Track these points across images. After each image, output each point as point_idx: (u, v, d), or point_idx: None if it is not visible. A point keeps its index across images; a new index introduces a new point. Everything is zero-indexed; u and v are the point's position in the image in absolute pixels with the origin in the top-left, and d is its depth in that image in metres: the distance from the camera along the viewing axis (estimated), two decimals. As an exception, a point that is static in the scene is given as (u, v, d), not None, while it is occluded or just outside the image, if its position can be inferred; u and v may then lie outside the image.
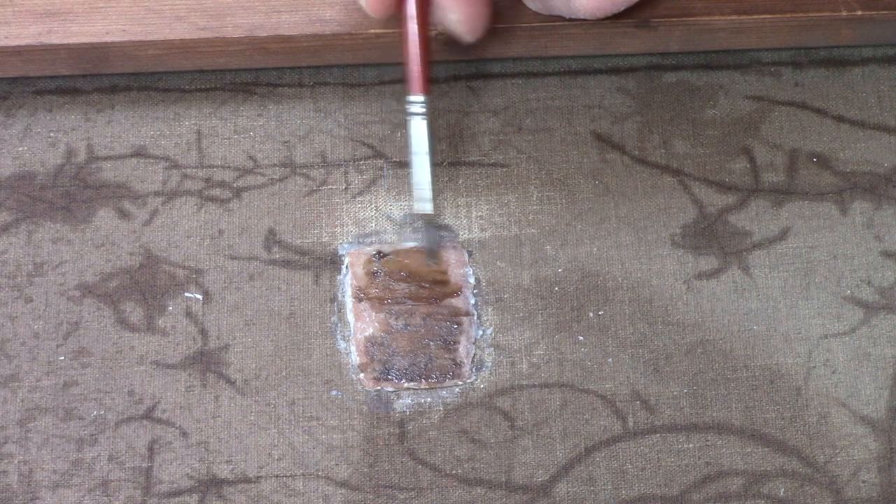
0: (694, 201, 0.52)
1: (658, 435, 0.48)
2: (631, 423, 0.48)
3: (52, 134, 0.52)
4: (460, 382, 0.49)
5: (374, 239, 0.51)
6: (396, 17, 0.43)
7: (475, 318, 0.50)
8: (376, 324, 0.49)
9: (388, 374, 0.48)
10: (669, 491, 0.47)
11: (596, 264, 0.51)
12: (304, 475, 0.47)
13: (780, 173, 0.52)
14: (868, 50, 0.55)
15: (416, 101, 0.44)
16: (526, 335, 0.49)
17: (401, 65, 0.54)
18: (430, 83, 0.43)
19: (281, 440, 0.48)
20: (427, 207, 0.46)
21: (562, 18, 0.50)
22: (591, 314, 0.50)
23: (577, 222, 0.51)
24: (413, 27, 0.43)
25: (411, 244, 0.51)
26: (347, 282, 0.50)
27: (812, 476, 0.48)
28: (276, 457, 0.47)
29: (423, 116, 0.44)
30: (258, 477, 0.47)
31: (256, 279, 0.50)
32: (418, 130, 0.44)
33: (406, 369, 0.48)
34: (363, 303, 0.49)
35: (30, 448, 0.47)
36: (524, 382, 0.49)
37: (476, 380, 0.49)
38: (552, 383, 0.49)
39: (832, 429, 0.48)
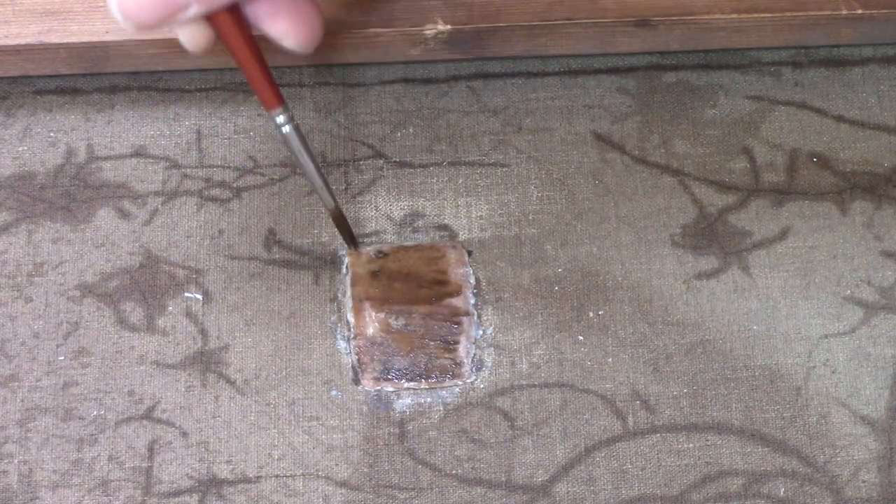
0: (694, 201, 0.52)
1: (658, 435, 0.48)
2: (631, 423, 0.48)
3: (52, 134, 0.52)
4: (460, 382, 0.49)
5: (374, 239, 0.51)
6: (223, 42, 0.41)
7: (475, 317, 0.50)
8: (376, 324, 0.49)
9: (388, 374, 0.48)
10: (669, 491, 0.47)
11: (596, 264, 0.51)
12: (304, 475, 0.47)
13: (780, 173, 0.52)
14: (868, 50, 0.55)
15: (276, 115, 0.43)
16: (526, 335, 0.49)
17: (399, 63, 0.54)
18: (278, 94, 0.43)
19: (281, 440, 0.48)
20: (328, 203, 0.47)
21: (561, 18, 0.50)
22: (591, 314, 0.50)
23: (577, 222, 0.51)
24: (243, 54, 0.41)
25: (411, 244, 0.51)
26: (347, 282, 0.50)
27: (812, 476, 0.48)
28: (276, 457, 0.47)
29: (288, 126, 0.43)
30: (258, 477, 0.47)
31: (256, 279, 0.50)
32: (289, 140, 0.44)
33: (406, 369, 0.48)
34: (363, 303, 0.49)
35: (30, 448, 0.47)
36: (524, 382, 0.49)
37: (476, 380, 0.49)
38: (552, 383, 0.49)
39: (832, 429, 0.48)
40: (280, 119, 0.43)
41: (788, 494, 0.47)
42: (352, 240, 0.49)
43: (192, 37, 0.40)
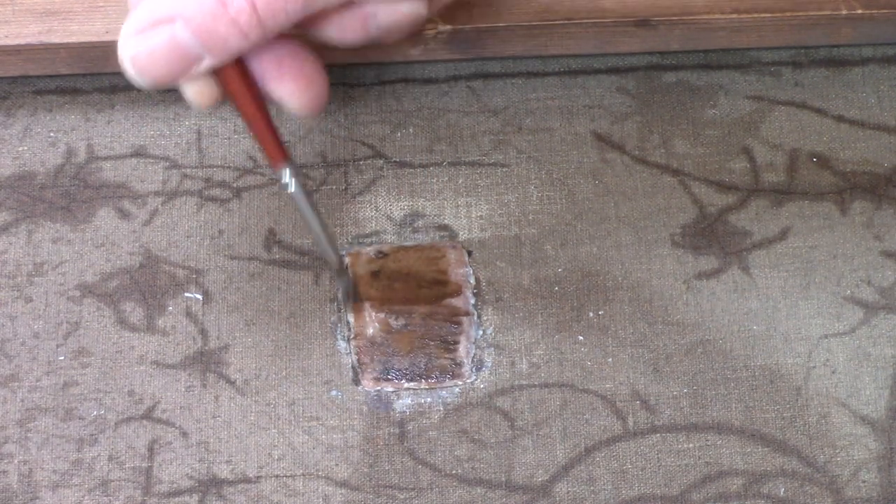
0: (694, 201, 0.52)
1: (658, 435, 0.48)
2: (631, 423, 0.48)
3: (52, 134, 0.52)
4: (460, 382, 0.49)
5: (374, 239, 0.51)
6: (230, 99, 0.41)
7: (475, 318, 0.50)
8: (376, 324, 0.49)
9: (388, 374, 0.48)
10: (669, 491, 0.47)
11: (596, 264, 0.51)
12: (304, 475, 0.47)
13: (780, 173, 0.52)
14: (868, 50, 0.55)
15: (282, 171, 0.43)
16: (526, 335, 0.49)
17: (399, 63, 0.54)
18: (284, 151, 0.42)
19: (281, 440, 0.48)
20: (332, 261, 0.46)
21: (561, 18, 0.50)
22: (591, 314, 0.50)
23: (577, 222, 0.51)
24: (249, 111, 0.41)
25: (411, 244, 0.51)
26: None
27: (812, 476, 0.48)
28: (276, 457, 0.47)
29: (293, 182, 0.43)
30: (258, 477, 0.47)
31: (256, 279, 0.50)
32: (294, 198, 0.43)
33: (406, 369, 0.48)
34: (363, 303, 0.49)
35: (30, 448, 0.47)
36: (524, 382, 0.49)
37: (476, 380, 0.49)
38: (552, 383, 0.49)
39: (832, 429, 0.48)
40: (285, 177, 0.43)
41: (788, 494, 0.47)
42: (355, 294, 0.49)
43: (199, 93, 0.41)
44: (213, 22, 0.37)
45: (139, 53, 0.38)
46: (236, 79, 0.40)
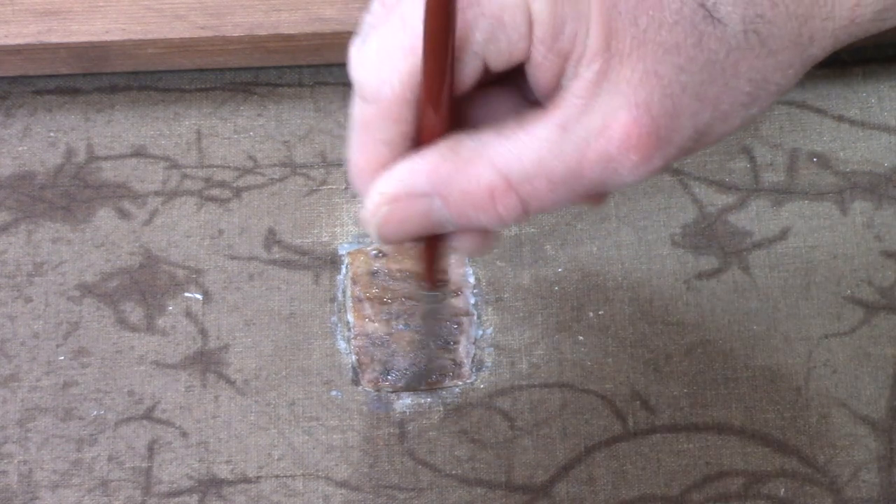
0: (694, 201, 0.52)
1: (658, 435, 0.48)
2: (631, 423, 0.48)
3: (51, 134, 0.52)
4: (460, 382, 0.49)
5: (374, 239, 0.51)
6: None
7: (475, 318, 0.50)
8: (376, 324, 0.49)
9: (388, 374, 0.48)
10: (669, 491, 0.47)
11: (596, 264, 0.51)
12: (304, 475, 0.47)
13: (780, 173, 0.52)
14: (868, 50, 0.55)
15: (434, 294, 0.43)
16: (526, 335, 0.49)
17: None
18: (436, 281, 0.42)
19: (281, 440, 0.48)
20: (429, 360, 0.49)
21: None
22: (591, 314, 0.50)
23: (577, 222, 0.51)
24: (433, 244, 0.40)
25: (411, 244, 0.51)
26: (347, 282, 0.50)
27: (812, 476, 0.48)
28: (276, 457, 0.47)
29: (430, 303, 0.45)
30: (258, 477, 0.47)
31: (256, 279, 0.50)
32: (434, 312, 0.45)
33: (406, 369, 0.48)
34: (363, 303, 0.49)
35: (30, 448, 0.47)
36: (524, 382, 0.49)
37: (476, 380, 0.49)
38: (552, 383, 0.49)
39: (832, 429, 0.48)
40: (436, 298, 0.45)
41: (788, 495, 0.47)
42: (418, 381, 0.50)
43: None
44: (476, 212, 0.35)
45: (388, 221, 0.37)
46: None
